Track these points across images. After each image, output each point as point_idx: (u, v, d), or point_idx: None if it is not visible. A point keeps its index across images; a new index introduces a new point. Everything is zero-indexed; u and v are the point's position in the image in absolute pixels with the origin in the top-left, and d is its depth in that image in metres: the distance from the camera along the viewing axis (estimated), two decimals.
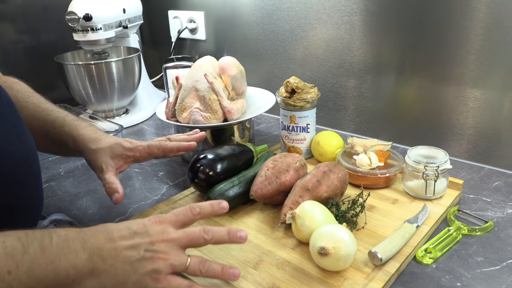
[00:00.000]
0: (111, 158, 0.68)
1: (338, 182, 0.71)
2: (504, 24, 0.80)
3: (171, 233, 0.50)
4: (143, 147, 0.70)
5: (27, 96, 0.72)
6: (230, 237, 0.52)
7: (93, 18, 1.10)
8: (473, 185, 0.82)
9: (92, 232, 0.47)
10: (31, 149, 0.58)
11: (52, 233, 0.44)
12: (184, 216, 0.53)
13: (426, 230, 0.66)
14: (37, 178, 0.59)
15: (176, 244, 0.50)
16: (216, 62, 0.95)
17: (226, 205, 0.55)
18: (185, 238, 0.51)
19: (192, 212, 0.53)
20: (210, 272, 0.51)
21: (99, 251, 0.45)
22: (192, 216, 0.53)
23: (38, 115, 0.70)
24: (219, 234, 0.52)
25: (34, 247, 0.41)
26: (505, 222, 0.70)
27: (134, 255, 0.47)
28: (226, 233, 0.52)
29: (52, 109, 0.72)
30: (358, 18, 1.00)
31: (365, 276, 0.57)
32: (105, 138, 0.69)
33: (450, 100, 0.92)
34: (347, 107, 1.10)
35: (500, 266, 0.60)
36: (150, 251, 0.48)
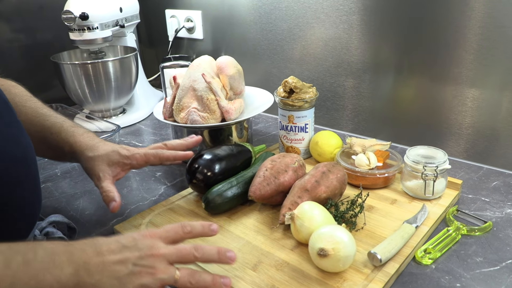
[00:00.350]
0: (108, 165, 0.67)
1: (337, 183, 0.70)
2: (502, 24, 0.80)
3: (161, 248, 0.50)
4: (140, 155, 0.69)
5: (25, 100, 0.72)
6: (220, 256, 0.52)
7: (90, 17, 1.09)
8: (472, 185, 0.82)
9: (80, 245, 0.46)
10: (28, 149, 0.57)
11: (37, 246, 0.43)
12: (175, 233, 0.52)
13: (425, 231, 0.66)
14: (34, 178, 0.58)
15: (166, 259, 0.49)
16: (214, 62, 0.95)
17: (216, 228, 0.55)
18: (175, 254, 0.50)
19: (183, 230, 0.53)
20: (201, 283, 0.50)
21: (85, 265, 0.44)
22: (183, 234, 0.53)
23: (36, 120, 0.70)
24: (209, 253, 0.51)
25: (17, 261, 0.40)
26: (504, 222, 0.70)
27: (122, 269, 0.46)
28: (216, 252, 0.52)
29: (49, 115, 0.72)
30: (356, 18, 0.99)
31: (364, 277, 0.56)
32: (102, 146, 0.69)
33: (449, 99, 0.92)
34: (345, 106, 1.10)
35: (499, 266, 0.60)
36: (139, 266, 0.47)
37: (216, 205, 0.71)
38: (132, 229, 0.69)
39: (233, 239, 0.66)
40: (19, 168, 0.54)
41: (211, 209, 0.71)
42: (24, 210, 0.56)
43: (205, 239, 0.66)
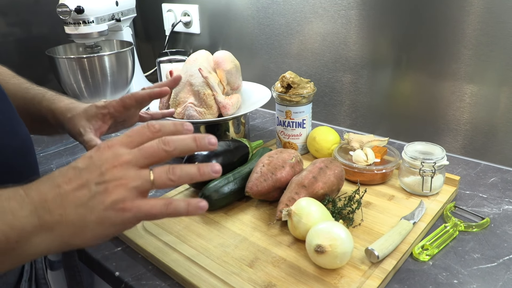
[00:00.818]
0: (87, 120, 0.66)
1: (335, 179, 0.70)
2: (501, 19, 0.80)
3: (124, 154, 0.42)
4: (115, 101, 0.68)
5: (8, 78, 0.71)
6: (198, 143, 0.44)
7: (85, 11, 1.07)
8: (469, 181, 0.82)
9: (35, 185, 0.42)
10: (26, 140, 0.56)
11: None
12: (139, 135, 0.44)
13: (423, 227, 0.65)
14: (34, 169, 0.57)
15: (132, 165, 0.42)
16: (211, 57, 0.94)
17: (190, 126, 0.46)
18: (140, 156, 0.42)
19: (150, 129, 0.44)
20: (184, 176, 0.43)
21: (42, 204, 0.40)
22: (150, 133, 0.44)
23: (19, 94, 0.69)
24: (184, 143, 0.43)
25: None
26: (501, 218, 0.70)
27: (85, 194, 0.41)
28: (191, 139, 0.43)
29: (32, 87, 0.71)
30: (354, 12, 0.99)
31: (361, 273, 0.56)
32: (80, 105, 0.68)
33: (447, 95, 0.91)
34: (343, 102, 1.09)
35: (496, 263, 0.60)
36: (103, 183, 0.41)
37: (212, 201, 0.70)
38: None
39: (229, 236, 0.65)
40: (18, 159, 0.53)
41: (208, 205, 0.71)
42: None
43: (202, 234, 0.66)
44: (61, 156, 0.98)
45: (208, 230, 0.67)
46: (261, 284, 0.55)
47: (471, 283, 0.56)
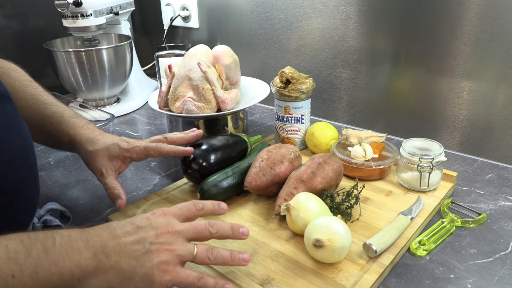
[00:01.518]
0: (109, 160, 0.67)
1: (333, 174, 0.70)
2: (500, 16, 0.80)
3: (176, 225, 0.50)
4: (139, 149, 0.69)
5: (25, 86, 0.70)
6: (233, 232, 0.53)
7: (83, 4, 1.07)
8: (467, 177, 0.83)
9: (95, 230, 0.46)
10: (27, 140, 0.56)
11: (54, 234, 0.43)
12: (187, 210, 0.53)
13: (420, 222, 0.66)
14: (33, 169, 0.58)
15: (182, 235, 0.50)
16: (210, 51, 0.94)
17: (225, 206, 0.57)
18: (191, 230, 0.51)
19: (196, 207, 0.54)
20: (219, 258, 0.51)
21: (103, 249, 0.45)
22: (195, 211, 0.54)
23: (35, 108, 0.69)
24: (223, 229, 0.53)
25: (37, 249, 0.41)
26: (498, 214, 0.71)
27: (139, 248, 0.47)
28: (229, 228, 0.53)
29: (50, 103, 0.70)
30: (353, 8, 0.99)
31: (359, 268, 0.57)
32: (102, 139, 0.69)
33: (445, 92, 0.92)
34: (341, 98, 1.09)
35: (493, 258, 0.61)
36: (156, 244, 0.48)
37: (211, 196, 0.70)
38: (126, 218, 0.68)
39: None
40: (19, 159, 0.54)
41: (206, 200, 0.71)
42: (24, 201, 0.55)
43: None
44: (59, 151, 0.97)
45: None
46: (259, 278, 0.55)
47: (468, 278, 0.57)
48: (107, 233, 0.46)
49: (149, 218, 0.50)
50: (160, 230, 0.49)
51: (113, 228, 0.47)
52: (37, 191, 0.60)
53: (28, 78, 0.72)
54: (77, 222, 0.71)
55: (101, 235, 0.46)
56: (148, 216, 0.51)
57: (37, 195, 0.59)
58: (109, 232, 0.47)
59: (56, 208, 0.65)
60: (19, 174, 0.53)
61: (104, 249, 0.45)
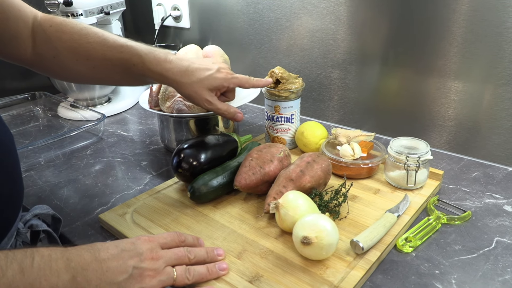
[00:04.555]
0: (209, 89, 0.70)
1: (322, 173, 0.71)
2: (485, 17, 0.81)
3: (160, 251, 0.53)
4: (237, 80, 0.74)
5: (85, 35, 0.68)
6: (208, 255, 0.57)
7: (74, 4, 1.07)
8: (453, 175, 0.84)
9: (78, 251, 0.46)
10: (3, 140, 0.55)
11: (34, 253, 0.43)
12: (171, 240, 0.56)
13: (407, 220, 0.67)
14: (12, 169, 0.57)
15: (164, 261, 0.52)
16: (201, 51, 0.94)
17: (203, 242, 0.61)
18: (173, 256, 0.53)
19: (179, 238, 0.57)
20: (197, 276, 0.54)
21: (83, 271, 0.44)
22: (178, 242, 0.57)
23: (109, 55, 0.68)
24: (199, 254, 0.57)
25: (13, 269, 0.40)
26: (482, 211, 0.72)
27: (122, 274, 0.47)
28: (204, 252, 0.57)
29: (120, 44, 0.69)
30: (343, 9, 1.00)
31: (347, 264, 0.58)
32: (195, 70, 0.70)
33: (432, 92, 0.93)
34: (331, 97, 1.10)
35: (477, 254, 0.62)
36: (139, 269, 0.49)
37: (201, 194, 0.71)
38: (117, 218, 0.69)
39: (218, 228, 0.66)
40: None
41: (197, 198, 0.72)
42: (5, 199, 0.54)
43: (191, 227, 0.67)
44: (49, 150, 0.97)
45: (196, 222, 0.68)
46: (248, 275, 0.56)
47: (452, 273, 0.58)
48: (90, 254, 0.46)
49: (134, 243, 0.51)
50: (144, 255, 0.50)
51: (96, 250, 0.47)
52: (19, 192, 0.58)
53: (80, 26, 0.69)
54: (67, 221, 0.71)
55: (83, 256, 0.46)
56: (134, 241, 0.52)
57: (19, 197, 0.58)
58: (92, 254, 0.46)
59: (43, 213, 0.64)
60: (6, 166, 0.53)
61: (85, 271, 0.44)
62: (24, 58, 0.67)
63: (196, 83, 0.69)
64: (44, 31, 0.66)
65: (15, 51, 0.65)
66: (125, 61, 0.68)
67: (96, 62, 0.68)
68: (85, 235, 0.68)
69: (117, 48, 0.68)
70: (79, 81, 0.81)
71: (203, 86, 0.69)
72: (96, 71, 0.69)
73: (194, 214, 0.70)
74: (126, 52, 0.68)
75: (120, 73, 0.70)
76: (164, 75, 0.68)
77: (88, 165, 0.92)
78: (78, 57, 0.67)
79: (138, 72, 0.69)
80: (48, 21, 0.67)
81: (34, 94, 1.25)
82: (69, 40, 0.67)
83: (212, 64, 0.72)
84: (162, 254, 0.52)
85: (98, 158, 0.95)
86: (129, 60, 0.68)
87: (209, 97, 0.70)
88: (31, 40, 0.66)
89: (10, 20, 0.62)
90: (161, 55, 0.69)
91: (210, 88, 0.70)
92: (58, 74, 0.72)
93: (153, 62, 0.68)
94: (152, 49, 0.70)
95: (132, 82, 0.75)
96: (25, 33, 0.65)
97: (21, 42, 0.65)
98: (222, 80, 0.71)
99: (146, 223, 0.68)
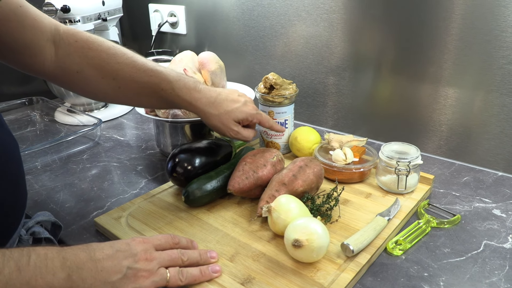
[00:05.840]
0: (235, 120, 0.72)
1: (314, 177, 0.72)
2: (474, 25, 0.83)
3: (154, 253, 0.54)
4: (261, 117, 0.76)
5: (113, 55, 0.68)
6: (201, 257, 0.58)
7: (71, 10, 1.08)
8: (444, 180, 0.86)
9: (74, 250, 0.47)
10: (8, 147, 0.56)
11: (31, 252, 0.44)
12: (165, 242, 0.57)
13: (397, 223, 0.68)
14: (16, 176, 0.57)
15: (157, 263, 0.53)
16: (196, 57, 0.96)
17: (196, 244, 0.62)
18: (166, 258, 0.54)
19: (173, 241, 0.58)
20: (190, 277, 0.55)
21: (79, 270, 0.45)
22: (172, 244, 0.58)
23: (137, 76, 0.69)
24: (193, 256, 0.57)
25: (10, 267, 0.41)
26: (472, 215, 0.74)
27: (117, 273, 0.48)
28: (198, 255, 0.58)
29: (149, 68, 0.69)
30: (336, 16, 1.02)
31: (337, 267, 0.59)
32: (222, 101, 0.71)
33: (424, 98, 0.95)
34: (325, 103, 1.12)
35: (465, 257, 0.63)
36: (133, 269, 0.50)
37: (195, 198, 0.72)
38: (113, 222, 0.70)
39: (211, 231, 0.67)
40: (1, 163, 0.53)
41: (191, 202, 0.73)
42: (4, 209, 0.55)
43: (184, 230, 0.68)
44: (46, 154, 0.98)
45: (190, 226, 0.69)
46: (240, 277, 0.57)
47: (441, 276, 0.59)
48: (85, 254, 0.47)
49: (129, 244, 0.52)
50: (139, 256, 0.51)
51: (92, 250, 0.48)
52: (22, 200, 0.59)
53: (107, 44, 0.69)
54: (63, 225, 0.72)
55: (79, 255, 0.47)
56: (129, 242, 0.53)
57: (22, 204, 0.59)
58: (88, 254, 0.48)
59: (45, 220, 0.65)
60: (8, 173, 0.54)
61: (80, 270, 0.45)
62: (42, 70, 0.66)
63: (224, 114, 0.71)
64: (69, 45, 0.66)
65: (29, 61, 0.65)
66: (154, 85, 0.69)
67: (123, 82, 0.68)
68: (80, 238, 0.69)
69: (147, 72, 0.69)
70: (101, 99, 0.80)
71: (230, 117, 0.71)
72: (121, 91, 0.70)
73: (188, 218, 0.71)
74: (156, 76, 0.69)
75: (146, 96, 0.71)
76: (193, 104, 0.70)
77: (84, 169, 0.93)
78: (104, 75, 0.68)
79: (166, 97, 0.70)
80: (73, 35, 0.67)
81: (32, 99, 1.26)
82: (96, 58, 0.67)
83: (238, 97, 0.74)
84: (156, 255, 0.53)
85: (94, 163, 0.96)
86: (158, 84, 0.69)
87: (235, 127, 0.72)
88: (50, 52, 0.66)
89: (26, 29, 0.62)
90: (190, 83, 0.70)
91: (235, 120, 0.72)
92: (81, 89, 0.71)
93: (183, 90, 0.69)
94: (182, 76, 0.71)
95: (157, 105, 0.76)
96: (41, 44, 0.64)
97: (37, 52, 0.64)
98: (247, 115, 0.73)
99: (140, 226, 0.69)
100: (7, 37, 0.60)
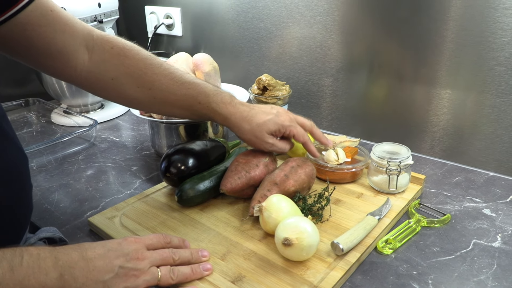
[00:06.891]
0: (269, 134, 0.72)
1: (306, 177, 0.73)
2: (464, 27, 0.84)
3: (145, 252, 0.54)
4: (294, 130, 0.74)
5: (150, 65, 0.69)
6: (193, 256, 0.59)
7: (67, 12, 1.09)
8: (435, 180, 0.86)
9: (66, 250, 0.48)
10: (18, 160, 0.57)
11: (23, 252, 0.44)
12: (157, 241, 0.58)
13: (387, 222, 0.69)
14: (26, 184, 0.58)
15: (149, 262, 0.53)
16: (190, 59, 0.97)
17: (188, 243, 0.63)
18: (158, 257, 0.55)
19: (165, 240, 0.59)
20: (181, 276, 0.55)
21: (70, 269, 0.46)
22: (164, 243, 0.58)
23: (174, 88, 0.69)
24: (184, 255, 0.58)
25: (3, 267, 0.42)
26: (462, 214, 0.74)
27: (108, 273, 0.49)
28: (189, 254, 0.59)
29: (187, 81, 0.70)
30: (329, 18, 1.03)
31: (327, 265, 0.59)
32: (255, 114, 0.71)
33: (417, 99, 0.96)
34: (319, 104, 1.13)
35: (454, 255, 0.64)
36: (125, 269, 0.50)
37: (188, 198, 0.73)
38: (106, 221, 0.70)
39: (204, 231, 0.68)
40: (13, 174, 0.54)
41: (184, 202, 0.73)
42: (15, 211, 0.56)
43: (177, 229, 0.68)
44: (42, 155, 0.99)
45: (183, 225, 0.69)
46: (231, 275, 0.58)
47: (429, 274, 0.60)
48: (77, 253, 0.48)
49: (120, 243, 0.53)
50: (130, 256, 0.52)
51: (84, 249, 0.49)
52: (25, 215, 0.59)
53: (143, 53, 0.69)
54: (57, 225, 0.72)
55: (71, 255, 0.47)
56: (120, 242, 0.53)
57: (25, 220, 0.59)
58: (80, 253, 0.48)
59: (50, 237, 0.64)
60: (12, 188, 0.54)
61: (72, 270, 0.46)
62: (74, 75, 0.66)
63: (256, 127, 0.71)
64: (104, 51, 0.66)
65: (61, 66, 0.64)
66: (191, 98, 0.70)
67: (159, 93, 0.69)
68: (74, 238, 0.70)
69: (184, 84, 0.70)
70: (134, 107, 0.81)
71: (262, 130, 0.71)
72: (156, 102, 0.70)
73: (181, 217, 0.72)
74: (193, 89, 0.70)
75: (181, 107, 0.71)
76: (228, 118, 0.71)
77: (80, 170, 0.93)
78: (140, 85, 0.68)
79: (201, 110, 0.71)
80: (108, 42, 0.67)
81: (28, 100, 1.27)
82: (133, 66, 0.67)
83: (271, 109, 0.74)
84: (147, 254, 0.54)
85: (89, 163, 0.96)
86: (195, 97, 0.70)
87: (270, 140, 0.72)
88: (83, 57, 0.65)
89: (57, 33, 0.61)
90: (227, 97, 0.71)
91: (268, 132, 0.72)
92: (113, 96, 0.71)
93: (220, 104, 0.70)
94: (219, 90, 0.72)
95: (189, 116, 0.75)
96: (73, 49, 0.64)
97: (70, 57, 0.64)
98: (280, 126, 0.72)
99: (134, 226, 0.69)
100: (38, 42, 0.59)
